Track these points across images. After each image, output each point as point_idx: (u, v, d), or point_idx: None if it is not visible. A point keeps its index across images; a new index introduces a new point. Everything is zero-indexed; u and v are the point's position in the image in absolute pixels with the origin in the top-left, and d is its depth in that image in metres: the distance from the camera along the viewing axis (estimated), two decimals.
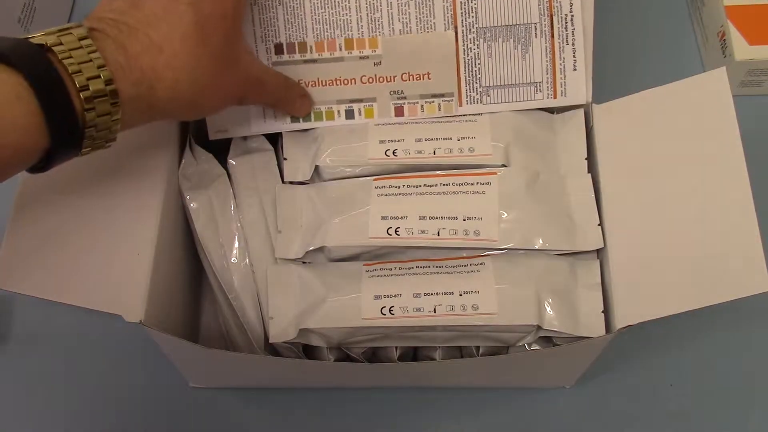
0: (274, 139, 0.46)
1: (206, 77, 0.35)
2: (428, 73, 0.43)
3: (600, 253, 0.41)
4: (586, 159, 0.43)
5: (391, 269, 0.41)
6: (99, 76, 0.31)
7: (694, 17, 0.62)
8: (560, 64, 0.43)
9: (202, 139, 0.46)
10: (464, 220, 0.41)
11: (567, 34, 0.43)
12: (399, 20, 0.42)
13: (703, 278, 0.37)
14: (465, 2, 0.42)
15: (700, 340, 0.50)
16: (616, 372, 0.49)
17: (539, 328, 0.39)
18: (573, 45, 0.43)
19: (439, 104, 0.44)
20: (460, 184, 0.42)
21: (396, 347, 0.42)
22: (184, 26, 0.34)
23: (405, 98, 0.44)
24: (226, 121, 0.44)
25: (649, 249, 0.39)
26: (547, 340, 0.41)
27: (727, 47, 0.56)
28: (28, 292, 0.38)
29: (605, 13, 0.44)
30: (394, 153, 0.43)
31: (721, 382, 0.49)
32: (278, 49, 0.43)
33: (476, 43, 0.43)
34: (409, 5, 0.42)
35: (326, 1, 0.42)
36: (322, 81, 0.43)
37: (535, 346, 0.41)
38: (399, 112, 0.44)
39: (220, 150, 0.46)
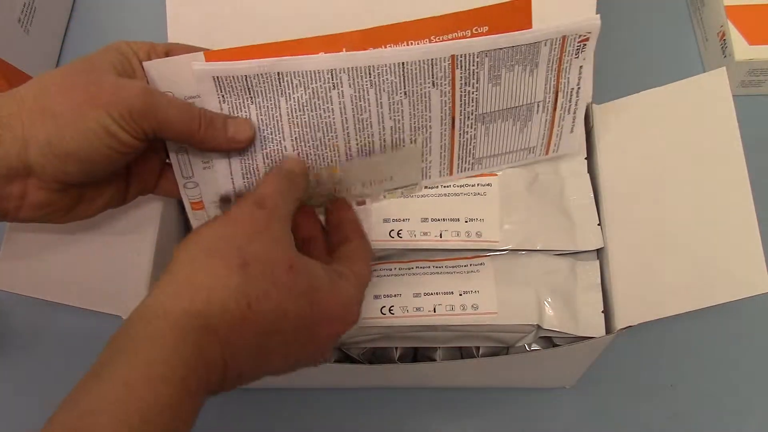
0: None
1: (63, 116, 0.31)
2: (391, 177, 0.40)
3: (600, 253, 0.41)
4: (585, 159, 0.43)
5: (391, 269, 0.41)
6: None
7: (694, 17, 0.62)
8: (557, 130, 0.41)
9: None
10: (466, 221, 0.41)
11: (569, 106, 0.41)
12: (390, 118, 0.37)
13: (703, 279, 0.37)
14: (465, 95, 0.38)
15: (700, 340, 0.50)
16: (616, 372, 0.49)
17: (539, 328, 0.39)
18: (574, 114, 0.41)
19: (402, 191, 0.42)
20: (461, 186, 0.42)
21: (396, 348, 0.42)
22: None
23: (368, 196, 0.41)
24: None
25: (649, 249, 0.39)
26: (547, 341, 0.41)
27: (727, 47, 0.56)
28: (28, 293, 0.38)
29: (605, 13, 0.44)
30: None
31: (721, 382, 0.49)
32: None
33: (474, 127, 0.40)
34: (402, 103, 0.37)
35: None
36: None
37: (535, 347, 0.41)
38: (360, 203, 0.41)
39: None
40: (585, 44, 0.38)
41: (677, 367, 0.49)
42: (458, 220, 0.41)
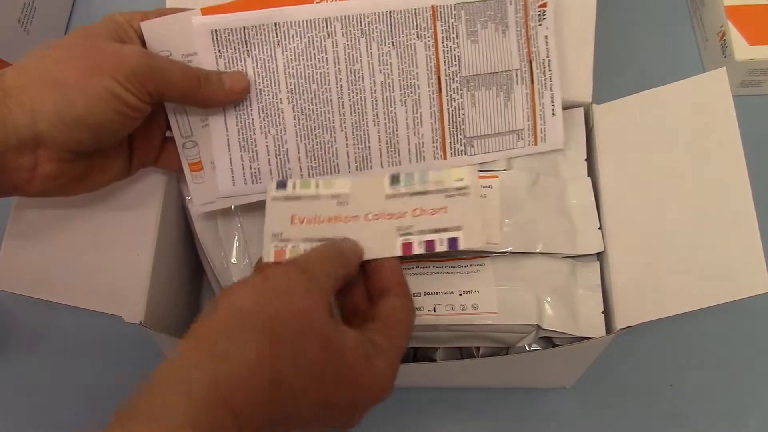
0: None
1: (68, 84, 0.32)
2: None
3: (600, 253, 0.41)
4: (585, 160, 0.43)
5: None
6: None
7: (694, 17, 0.62)
8: (540, 110, 0.42)
9: None
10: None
11: (545, 80, 0.42)
12: (381, 71, 0.40)
13: (703, 279, 0.37)
14: (448, 50, 0.40)
15: (700, 340, 0.50)
16: (616, 372, 0.49)
17: (539, 328, 0.39)
18: (551, 90, 0.42)
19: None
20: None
21: None
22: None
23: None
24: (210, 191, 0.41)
25: (649, 249, 0.39)
26: (547, 341, 0.41)
27: (727, 47, 0.56)
28: (28, 293, 0.38)
29: (605, 13, 0.44)
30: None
31: (721, 382, 0.49)
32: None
33: (460, 92, 0.41)
34: (390, 55, 0.40)
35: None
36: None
37: (535, 347, 0.41)
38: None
39: None
40: (544, 10, 0.41)
41: (677, 367, 0.49)
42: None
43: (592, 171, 0.43)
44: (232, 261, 0.43)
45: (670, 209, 0.39)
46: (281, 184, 0.37)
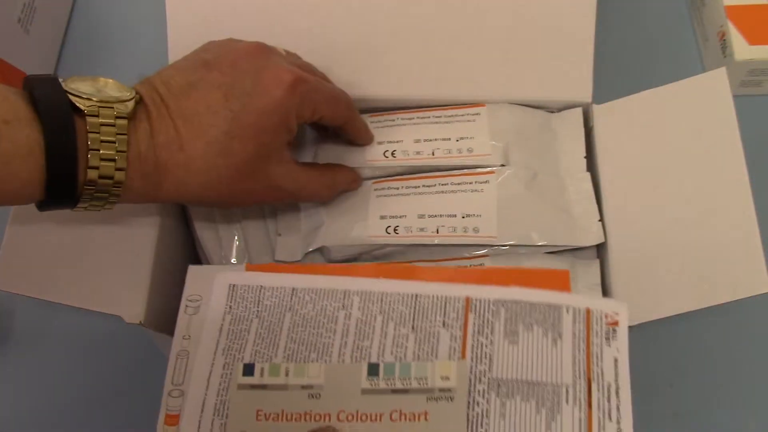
0: None
1: (220, 186, 0.35)
2: None
3: (600, 253, 0.41)
4: (585, 157, 0.43)
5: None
6: (114, 160, 0.31)
7: (694, 17, 0.62)
8: None
9: None
10: (463, 217, 0.40)
11: (609, 408, 0.33)
12: (392, 353, 0.34)
13: (703, 279, 0.37)
14: (478, 346, 0.34)
15: (700, 341, 0.50)
16: None
17: None
18: (618, 423, 0.33)
19: None
20: (458, 184, 0.42)
21: None
22: (213, 133, 0.34)
23: None
24: None
25: (649, 250, 0.39)
26: None
27: (727, 47, 0.56)
28: (28, 293, 0.38)
29: (605, 13, 0.44)
30: (393, 154, 0.43)
31: (721, 382, 0.49)
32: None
33: (486, 396, 0.33)
34: (408, 338, 0.34)
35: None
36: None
37: None
38: None
39: None
40: (615, 329, 0.34)
41: (677, 367, 0.49)
42: (455, 215, 0.41)
43: (592, 171, 0.43)
44: (232, 261, 0.43)
45: (670, 209, 0.39)
46: (248, 370, 0.34)
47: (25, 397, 0.49)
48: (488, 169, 0.42)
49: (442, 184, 0.42)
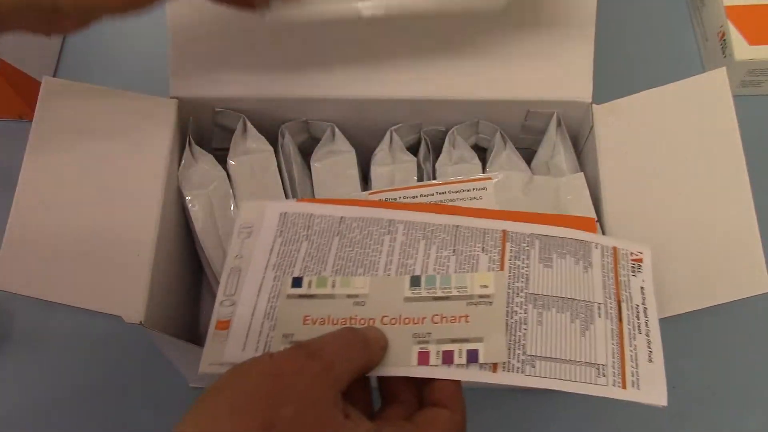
0: (274, 139, 0.46)
1: None
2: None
3: None
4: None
5: None
6: None
7: (694, 17, 0.62)
8: (630, 352, 0.35)
9: (202, 141, 0.46)
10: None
11: (639, 324, 0.35)
12: (434, 270, 0.36)
13: (704, 279, 0.37)
14: (515, 268, 0.36)
15: (700, 340, 0.50)
16: None
17: None
18: (648, 336, 0.35)
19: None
20: (456, 192, 0.41)
21: None
22: None
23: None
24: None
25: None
26: None
27: (727, 47, 0.56)
28: (28, 293, 0.38)
29: (605, 13, 0.44)
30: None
31: (721, 382, 0.49)
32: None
33: (524, 307, 0.35)
34: (449, 259, 0.36)
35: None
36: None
37: None
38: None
39: (220, 150, 0.46)
40: (640, 264, 0.37)
41: (677, 367, 0.49)
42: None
43: (592, 171, 0.43)
44: None
45: (670, 209, 0.40)
46: (296, 282, 0.36)
47: (25, 397, 0.49)
48: (485, 175, 0.42)
49: (440, 193, 0.42)
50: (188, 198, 0.43)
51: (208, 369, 0.35)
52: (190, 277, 0.47)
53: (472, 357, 0.33)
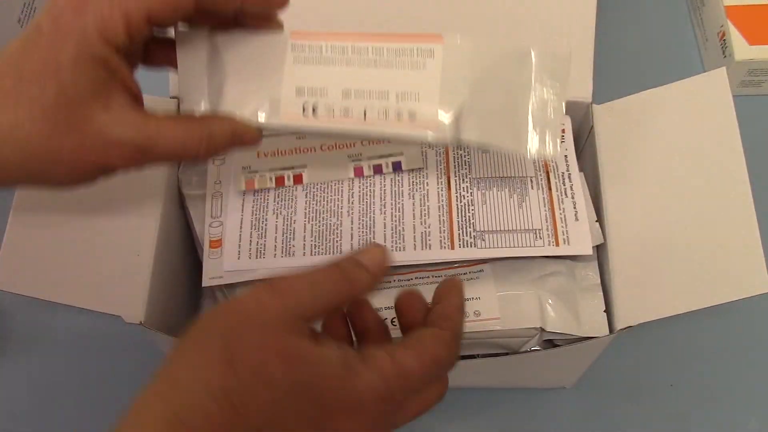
0: None
1: (31, 144, 0.28)
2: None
3: (600, 253, 0.41)
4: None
5: (390, 282, 0.40)
6: None
7: (694, 17, 0.62)
8: (560, 215, 0.40)
9: None
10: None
11: (565, 188, 0.41)
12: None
13: (703, 279, 0.37)
14: (458, 157, 0.42)
15: (700, 340, 0.50)
16: (616, 372, 0.49)
17: (542, 330, 0.39)
18: (573, 198, 0.41)
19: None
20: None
21: None
22: (5, 82, 0.28)
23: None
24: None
25: (649, 249, 0.39)
26: (548, 342, 0.41)
27: (727, 47, 0.56)
28: (28, 293, 0.38)
29: (605, 13, 0.44)
30: (314, 111, 0.33)
31: (721, 382, 0.49)
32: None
33: (470, 191, 0.41)
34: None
35: None
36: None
37: (535, 347, 0.41)
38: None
39: None
40: (563, 135, 0.43)
41: (677, 367, 0.49)
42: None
43: (592, 171, 0.43)
44: None
45: (670, 209, 0.39)
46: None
47: (25, 397, 0.49)
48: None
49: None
50: (188, 198, 0.43)
51: (209, 282, 0.41)
52: (190, 277, 0.47)
53: (397, 166, 0.41)
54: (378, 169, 0.41)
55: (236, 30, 0.33)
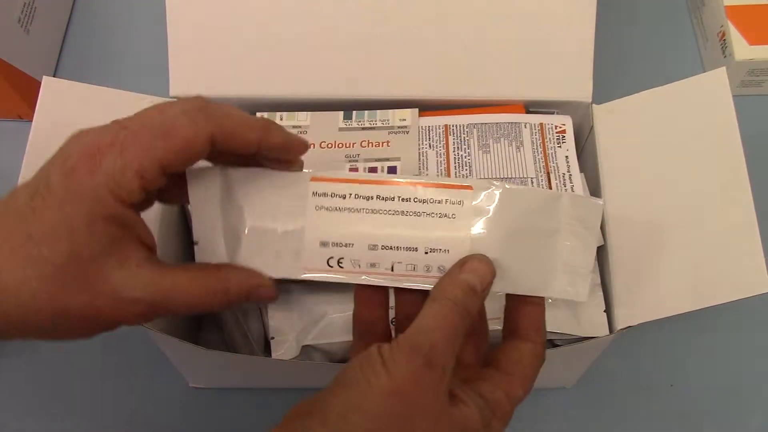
0: None
1: (36, 303, 0.27)
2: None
3: (600, 253, 0.41)
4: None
5: None
6: None
7: (694, 17, 0.62)
8: None
9: None
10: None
11: (566, 189, 0.41)
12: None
13: (703, 279, 0.37)
14: (459, 158, 0.42)
15: (700, 340, 0.50)
16: (616, 372, 0.49)
17: None
18: None
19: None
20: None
21: None
22: (16, 239, 0.27)
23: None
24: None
25: (649, 249, 0.39)
26: (548, 342, 0.41)
27: (727, 47, 0.56)
28: None
29: (605, 13, 0.44)
30: (339, 264, 0.32)
31: (721, 382, 0.49)
32: None
33: None
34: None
35: None
36: None
37: None
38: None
39: None
40: (564, 135, 0.43)
41: (677, 367, 0.49)
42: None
43: (592, 171, 0.43)
44: None
45: (670, 209, 0.39)
46: None
47: (25, 397, 0.49)
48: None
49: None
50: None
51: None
52: None
53: (392, 170, 0.42)
54: (373, 171, 0.42)
55: (251, 167, 0.32)
